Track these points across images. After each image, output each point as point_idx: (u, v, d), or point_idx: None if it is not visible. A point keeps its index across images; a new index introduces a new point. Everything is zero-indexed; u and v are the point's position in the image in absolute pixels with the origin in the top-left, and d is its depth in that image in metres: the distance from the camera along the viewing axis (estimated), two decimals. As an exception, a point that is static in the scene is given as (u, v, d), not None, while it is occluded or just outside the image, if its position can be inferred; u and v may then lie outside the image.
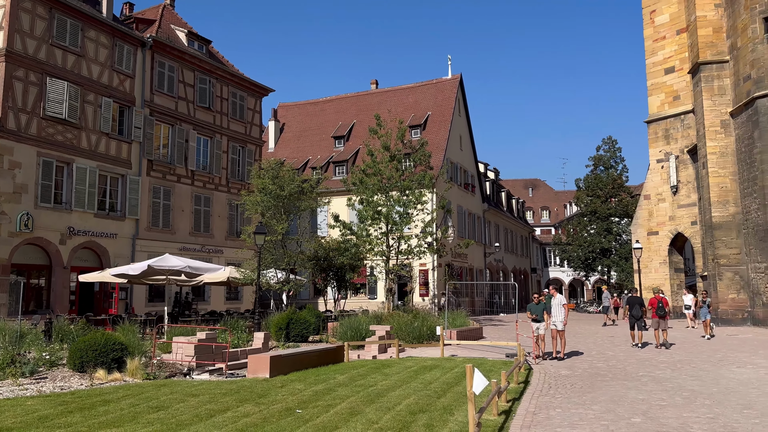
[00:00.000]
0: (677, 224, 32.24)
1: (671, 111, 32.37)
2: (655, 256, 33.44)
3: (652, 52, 33.41)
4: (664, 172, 32.90)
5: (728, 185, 26.84)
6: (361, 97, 47.99)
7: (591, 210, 51.85)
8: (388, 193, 25.78)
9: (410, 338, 17.70)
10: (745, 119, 25.60)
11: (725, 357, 14.58)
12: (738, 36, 26.03)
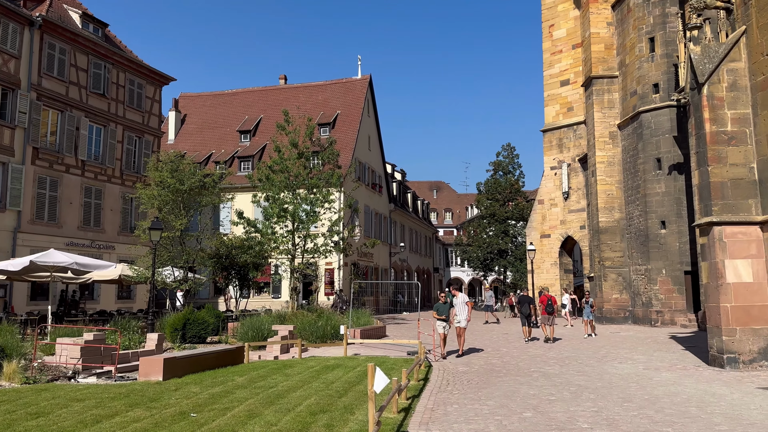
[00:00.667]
0: (568, 228, 34.26)
1: (565, 121, 34.35)
2: (547, 258, 35.36)
3: (549, 64, 35.29)
4: (557, 179, 34.85)
5: (614, 193, 28.86)
6: (269, 92, 47.08)
7: (490, 213, 53.96)
8: (294, 191, 25.46)
9: (314, 338, 17.58)
10: (630, 131, 27.64)
11: (608, 353, 15.65)
12: (627, 53, 28.06)
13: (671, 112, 25.40)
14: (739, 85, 13.14)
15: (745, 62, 13.15)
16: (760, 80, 12.67)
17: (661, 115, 25.74)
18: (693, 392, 9.69)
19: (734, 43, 13.26)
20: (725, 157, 12.92)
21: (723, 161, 12.91)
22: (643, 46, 26.68)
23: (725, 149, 12.96)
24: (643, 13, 26.68)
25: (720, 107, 13.11)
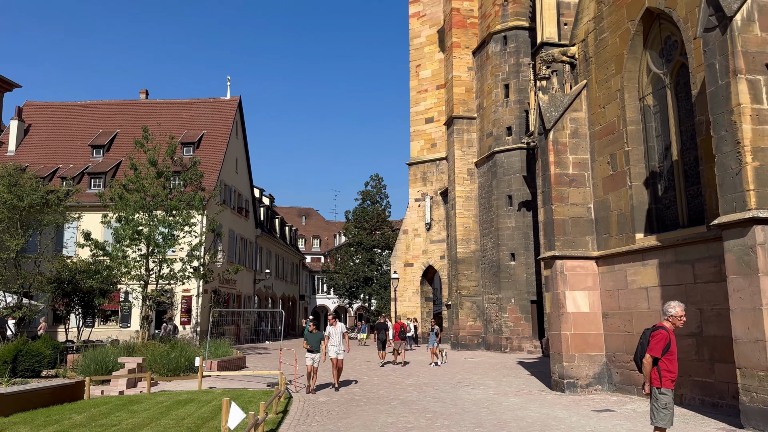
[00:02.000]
0: (429, 258, 35.68)
1: (429, 156, 36.03)
2: (410, 286, 36.48)
3: (415, 102, 36.97)
4: (420, 210, 36.29)
5: (471, 225, 30.57)
6: (127, 106, 44.29)
7: (357, 241, 54.73)
8: (151, 212, 23.96)
9: (166, 370, 16.46)
10: (486, 170, 29.58)
11: (463, 379, 16.32)
12: (484, 97, 30.17)
13: (522, 154, 27.60)
14: (580, 133, 14.60)
15: (586, 113, 14.67)
16: (598, 129, 14.18)
17: (513, 155, 27.88)
18: (537, 416, 10.36)
19: (576, 95, 14.76)
20: (567, 197, 14.22)
21: (565, 201, 14.20)
22: (499, 91, 28.87)
23: (567, 190, 14.27)
24: (499, 61, 28.93)
25: (563, 152, 14.45)
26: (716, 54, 9.32)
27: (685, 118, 11.87)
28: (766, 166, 8.73)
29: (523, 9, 28.01)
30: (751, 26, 9.09)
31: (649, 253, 12.17)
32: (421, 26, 36.88)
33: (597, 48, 14.27)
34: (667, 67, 12.45)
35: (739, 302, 8.73)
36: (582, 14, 15.00)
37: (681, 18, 11.49)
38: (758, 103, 8.92)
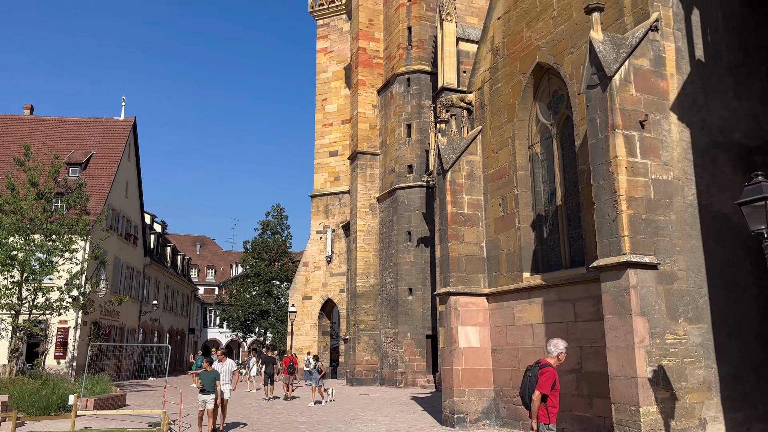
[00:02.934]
0: (328, 291, 35.47)
1: (332, 189, 36.19)
2: (308, 320, 35.97)
3: (320, 135, 37.18)
4: (321, 243, 36.14)
5: (371, 259, 30.82)
6: (8, 121, 40.98)
7: (255, 272, 53.39)
8: (28, 236, 22.09)
9: (35, 409, 15.01)
10: (388, 205, 30.11)
11: (356, 416, 16.17)
12: (388, 135, 30.89)
13: (422, 191, 28.41)
14: (475, 175, 15.28)
15: (481, 156, 15.39)
16: (490, 173, 14.91)
17: (413, 192, 28.63)
18: (428, 452, 10.44)
19: (472, 139, 15.47)
20: (462, 235, 14.75)
21: (460, 239, 14.71)
22: (402, 130, 29.71)
23: (462, 229, 14.81)
24: (403, 101, 29.86)
25: (459, 192, 15.04)
26: (597, 109, 10.16)
27: (569, 166, 12.76)
28: (639, 214, 9.54)
29: (426, 54, 29.23)
30: (628, 86, 10.02)
31: (535, 292, 12.82)
32: (328, 62, 37.39)
33: (492, 97, 15.11)
34: (554, 119, 13.39)
35: (614, 340, 9.36)
36: (479, 64, 15.86)
37: (567, 74, 12.46)
38: (633, 156, 9.77)
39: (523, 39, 14.03)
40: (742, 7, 11.19)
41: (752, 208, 7.01)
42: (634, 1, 10.77)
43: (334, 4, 37.11)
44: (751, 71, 11.03)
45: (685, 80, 10.45)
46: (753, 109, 10.90)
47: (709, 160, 10.34)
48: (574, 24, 12.31)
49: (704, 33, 10.80)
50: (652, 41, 10.28)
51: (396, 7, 29.49)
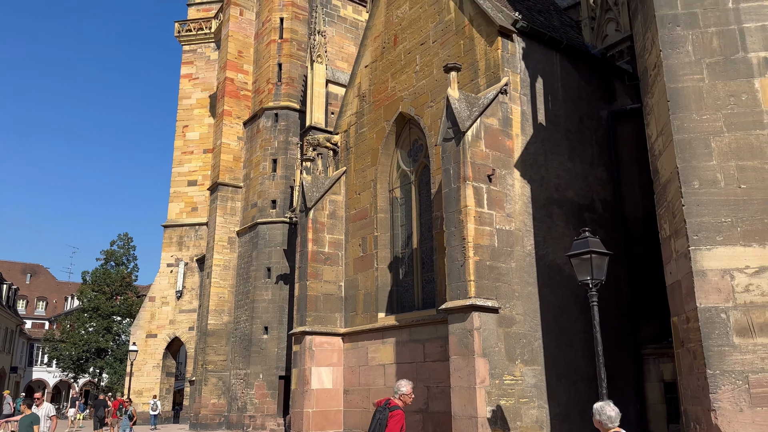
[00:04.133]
0: (176, 328, 33.45)
1: (188, 220, 34.59)
2: (150, 359, 33.52)
3: (179, 162, 35.61)
4: (172, 277, 34.18)
5: (226, 296, 29.66)
6: None
7: (94, 306, 48.92)
8: None
9: None
10: (248, 240, 29.34)
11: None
12: (252, 168, 30.35)
13: (284, 227, 28.08)
14: (337, 215, 15.46)
15: (344, 196, 15.64)
16: (352, 213, 15.18)
17: (275, 228, 28.20)
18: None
19: (337, 179, 15.71)
20: (321, 274, 14.75)
21: (319, 278, 14.70)
22: (267, 165, 29.37)
23: (322, 267, 14.82)
24: (270, 136, 29.62)
25: (321, 231, 15.10)
26: (451, 161, 10.82)
27: (425, 212, 13.39)
28: (485, 260, 10.20)
29: (295, 92, 29.42)
30: (479, 142, 10.81)
31: (389, 332, 13.09)
32: (192, 88, 36.23)
33: (357, 140, 15.53)
34: (414, 166, 14.05)
35: (458, 380, 9.79)
36: (346, 108, 16.29)
37: (427, 126, 13.19)
38: (481, 207, 10.49)
39: (388, 88, 14.67)
40: (579, 81, 12.67)
41: (580, 260, 7.80)
42: (487, 65, 11.75)
43: (202, 32, 36.29)
44: (584, 137, 12.44)
45: (528, 141, 11.52)
46: (584, 170, 12.25)
47: (546, 214, 11.39)
48: (434, 80, 13.13)
49: (546, 100, 12.04)
50: (501, 103, 11.25)
51: (267, 43, 29.53)
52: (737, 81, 7.21)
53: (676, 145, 7.09)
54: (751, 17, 7.39)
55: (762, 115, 7.11)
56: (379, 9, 15.48)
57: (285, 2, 28.05)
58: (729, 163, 6.99)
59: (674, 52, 7.37)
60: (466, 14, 12.43)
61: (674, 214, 7.19)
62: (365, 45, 15.92)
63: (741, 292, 6.64)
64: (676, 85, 7.27)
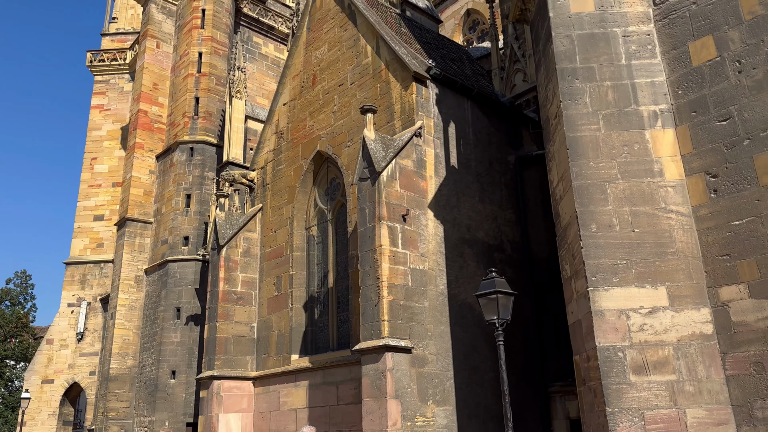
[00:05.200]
0: (76, 373, 31.14)
1: (93, 257, 32.65)
2: (46, 407, 30.90)
3: (85, 196, 33.81)
4: (73, 317, 31.98)
5: (131, 338, 28.00)
6: None
7: (-17, 350, 44.82)
8: None
9: None
10: (156, 278, 28.00)
11: None
12: (164, 203, 29.22)
13: (197, 266, 27.05)
14: (252, 253, 15.08)
15: (259, 234, 15.31)
16: (268, 251, 14.86)
17: (187, 266, 27.10)
18: None
19: (252, 216, 15.39)
20: (233, 315, 14.24)
21: (230, 319, 14.18)
22: (180, 200, 28.40)
23: (234, 308, 14.32)
24: (184, 170, 28.74)
25: (234, 269, 14.65)
26: (367, 200, 10.88)
27: (342, 250, 13.32)
28: (398, 300, 10.22)
29: (212, 126, 28.85)
30: (394, 183, 10.95)
31: (302, 375, 12.75)
32: (103, 120, 34.77)
33: (274, 177, 15.35)
34: (331, 205, 14.01)
35: (370, 424, 9.62)
36: (264, 144, 16.12)
37: (344, 165, 13.25)
38: (395, 246, 10.56)
39: (306, 127, 14.68)
40: (489, 126, 13.20)
41: (487, 300, 7.97)
42: (403, 108, 12.03)
43: (116, 62, 35.12)
44: (494, 180, 12.90)
45: (441, 182, 11.80)
46: (494, 212, 12.66)
47: (459, 254, 11.63)
48: (351, 120, 13.27)
49: (458, 144, 12.44)
50: (416, 145, 11.50)
51: (184, 76, 28.94)
52: (630, 132, 7.74)
53: (575, 190, 7.48)
54: (642, 73, 8.00)
55: (653, 163, 7.64)
56: (299, 49, 15.58)
57: (204, 37, 27.72)
58: (623, 208, 7.42)
59: (573, 103, 7.83)
60: (383, 59, 12.74)
61: (574, 255, 7.52)
62: (284, 83, 15.92)
63: (636, 332, 6.98)
64: (575, 134, 7.70)
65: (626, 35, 8.07)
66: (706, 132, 7.51)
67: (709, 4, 7.73)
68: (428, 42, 15.29)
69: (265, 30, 30.02)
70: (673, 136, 7.71)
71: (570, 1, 8.14)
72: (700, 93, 7.63)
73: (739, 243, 7.03)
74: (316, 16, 15.13)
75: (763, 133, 7.06)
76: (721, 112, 7.43)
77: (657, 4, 8.18)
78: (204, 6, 27.40)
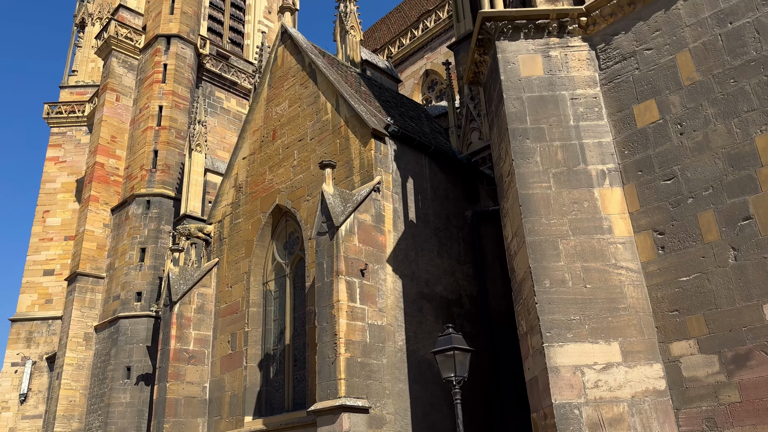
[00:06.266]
0: (15, 439, 29.18)
1: (41, 314, 31.24)
2: (-21, 478, 28.74)
3: (36, 249, 32.64)
4: (17, 377, 30.23)
5: (78, 399, 26.56)
6: None
7: None
8: None
9: None
10: (107, 335, 26.87)
11: None
12: (118, 257, 28.39)
13: (149, 322, 26.12)
14: (205, 309, 14.67)
15: (214, 289, 14.94)
16: (223, 307, 14.48)
17: (139, 323, 26.13)
18: None
19: (207, 271, 15.05)
20: (184, 374, 13.69)
21: (181, 378, 13.61)
22: (134, 254, 27.65)
23: (185, 367, 13.78)
24: (140, 223, 28.12)
25: (187, 326, 14.19)
26: (325, 255, 10.79)
27: (299, 306, 13.08)
28: (356, 357, 10.01)
29: (171, 179, 28.51)
30: (353, 237, 10.92)
31: (256, 437, 12.24)
32: (58, 172, 34.00)
33: (231, 231, 15.14)
34: (289, 259, 13.84)
35: (326, 489, 9.23)
36: (222, 197, 15.97)
37: (303, 219, 13.19)
38: (353, 301, 10.43)
39: (266, 181, 14.64)
40: (446, 182, 13.42)
41: (444, 357, 7.88)
42: (362, 164, 12.15)
43: (74, 114, 34.70)
44: (452, 235, 13.01)
45: (400, 237, 11.83)
46: (452, 266, 12.71)
47: (417, 308, 11.56)
48: (311, 175, 13.31)
49: (417, 199, 12.57)
50: (374, 200, 11.57)
51: (143, 129, 28.74)
52: (580, 190, 7.96)
53: (528, 246, 7.59)
54: (590, 134, 8.32)
55: (602, 221, 7.85)
56: (260, 104, 15.71)
57: (165, 91, 27.73)
58: (575, 264, 7.55)
59: (525, 162, 8.05)
60: (342, 116, 12.94)
61: (529, 311, 7.56)
62: (244, 137, 15.95)
63: (591, 388, 6.98)
64: (527, 191, 7.89)
65: (574, 98, 8.42)
66: (652, 191, 7.79)
67: (651, 70, 8.16)
68: (387, 100, 15.64)
69: (227, 85, 30.27)
70: (620, 195, 7.97)
71: (520, 66, 8.49)
72: (646, 153, 7.95)
73: (688, 299, 7.20)
74: (277, 73, 15.35)
75: (705, 192, 7.36)
76: (665, 172, 7.74)
77: (602, 69, 8.61)
78: (166, 61, 27.54)
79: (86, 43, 35.91)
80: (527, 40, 8.62)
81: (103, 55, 30.10)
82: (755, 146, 7.09)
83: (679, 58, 7.91)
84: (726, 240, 7.07)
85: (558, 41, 8.67)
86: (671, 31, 8.06)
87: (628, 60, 8.37)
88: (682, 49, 7.92)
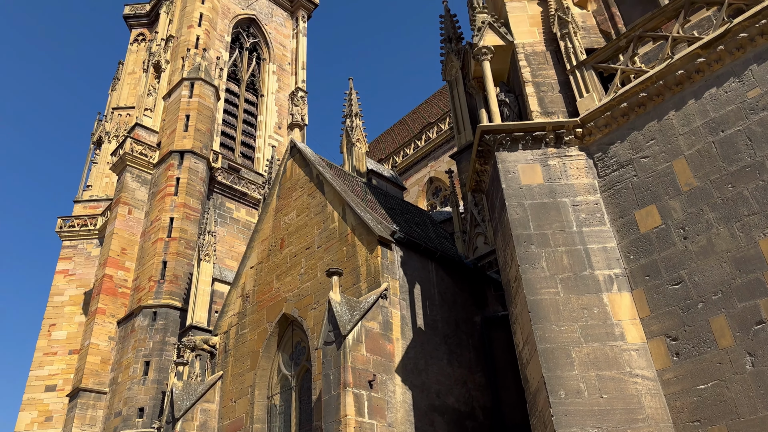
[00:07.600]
0: None
1: (39, 432, 30.11)
2: None
3: (39, 364, 32.06)
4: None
5: None
6: None
7: None
8: None
9: None
10: (105, 455, 25.68)
11: None
12: (121, 371, 27.76)
13: (151, 440, 25.07)
14: (209, 426, 14.12)
15: (218, 404, 14.47)
16: (226, 424, 13.93)
17: (139, 441, 25.08)
18: None
19: (211, 385, 14.66)
20: (184, 498, 12.93)
21: (181, 503, 12.85)
22: (138, 367, 27.06)
23: (185, 489, 13.05)
24: (145, 336, 27.77)
25: (189, 445, 13.59)
26: (332, 366, 10.54)
27: (305, 421, 12.59)
28: (365, 477, 9.48)
29: (178, 290, 28.52)
30: (360, 346, 10.73)
31: None
32: (67, 285, 34.15)
33: (237, 342, 14.92)
34: (295, 370, 13.51)
35: None
36: (228, 307, 15.89)
37: (310, 328, 13.02)
38: (361, 416, 10.05)
39: (273, 289, 14.63)
40: (453, 287, 13.36)
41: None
42: (368, 271, 12.19)
43: (86, 227, 35.43)
44: (461, 342, 12.75)
45: (408, 345, 11.60)
46: (463, 375, 12.33)
47: (429, 423, 11.08)
48: (318, 283, 13.31)
49: (424, 305, 12.46)
50: (382, 307, 11.48)
51: (154, 241, 29.17)
52: (588, 295, 7.90)
53: (540, 354, 7.42)
54: (594, 239, 8.39)
55: (613, 326, 7.71)
56: (268, 214, 16.05)
57: (177, 203, 28.46)
58: (590, 372, 7.33)
59: (531, 268, 8.06)
60: (349, 224, 13.16)
61: (545, 425, 7.25)
62: (252, 247, 16.14)
63: None
64: (534, 297, 7.83)
65: (575, 204, 8.59)
66: (661, 295, 7.72)
67: (649, 177, 8.37)
68: (393, 207, 15.96)
69: (237, 196, 31.06)
70: (630, 300, 7.89)
71: (520, 175, 8.75)
72: (651, 258, 7.97)
73: (707, 408, 6.91)
74: (286, 185, 15.82)
75: (714, 297, 7.28)
76: (672, 276, 7.71)
77: (601, 177, 8.83)
78: (179, 175, 28.49)
79: (102, 159, 37.40)
80: (525, 150, 8.95)
81: (118, 170, 31.20)
82: (760, 249, 7.10)
83: (676, 165, 8.14)
84: (741, 345, 6.89)
85: (556, 151, 8.98)
86: (666, 139, 8.36)
87: (626, 167, 8.61)
88: (677, 156, 8.16)
